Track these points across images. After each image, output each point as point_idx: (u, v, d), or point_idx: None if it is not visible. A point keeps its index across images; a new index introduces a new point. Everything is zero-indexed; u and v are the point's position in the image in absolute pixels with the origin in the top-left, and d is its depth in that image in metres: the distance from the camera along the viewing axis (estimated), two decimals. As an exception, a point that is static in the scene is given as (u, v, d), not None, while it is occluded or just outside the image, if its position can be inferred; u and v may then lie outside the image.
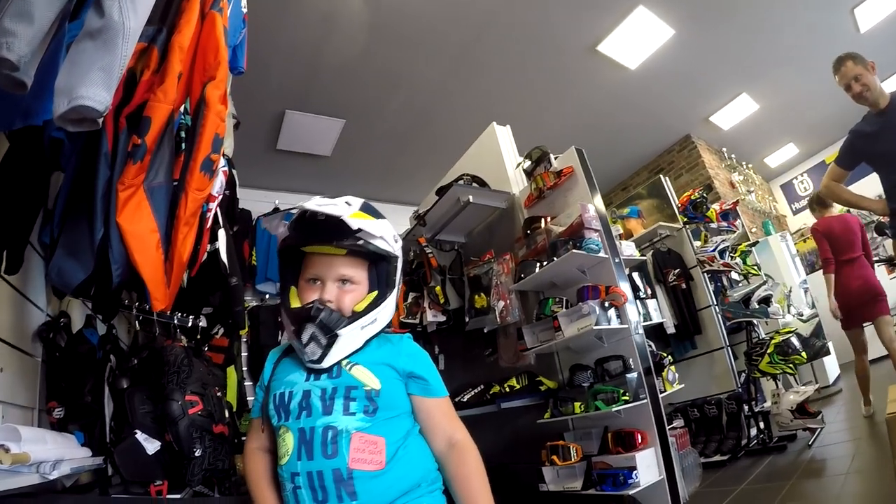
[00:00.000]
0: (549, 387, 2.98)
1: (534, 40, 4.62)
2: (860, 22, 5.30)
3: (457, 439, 1.18)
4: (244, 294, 3.59)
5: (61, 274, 1.35)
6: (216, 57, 1.49)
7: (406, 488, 1.09)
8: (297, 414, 1.11)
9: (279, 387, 1.17)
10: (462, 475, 1.14)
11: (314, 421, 1.09)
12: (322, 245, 1.15)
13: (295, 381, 1.16)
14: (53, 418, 1.67)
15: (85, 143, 1.36)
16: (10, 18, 0.85)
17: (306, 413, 1.10)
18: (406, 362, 1.20)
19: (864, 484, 2.47)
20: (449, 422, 1.21)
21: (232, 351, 3.26)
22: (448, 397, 1.26)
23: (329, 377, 1.14)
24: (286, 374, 1.19)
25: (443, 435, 1.19)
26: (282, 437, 1.12)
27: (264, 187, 5.53)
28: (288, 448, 1.09)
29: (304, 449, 1.07)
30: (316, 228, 1.14)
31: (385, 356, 1.19)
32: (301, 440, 1.08)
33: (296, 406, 1.12)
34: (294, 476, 1.07)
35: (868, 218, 7.35)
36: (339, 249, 1.15)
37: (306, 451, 1.07)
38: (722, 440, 3.84)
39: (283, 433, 1.12)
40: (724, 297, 4.15)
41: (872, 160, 3.02)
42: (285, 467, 1.09)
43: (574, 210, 2.86)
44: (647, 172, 7.52)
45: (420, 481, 1.12)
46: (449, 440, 1.18)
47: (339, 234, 1.13)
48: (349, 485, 1.03)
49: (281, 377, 1.20)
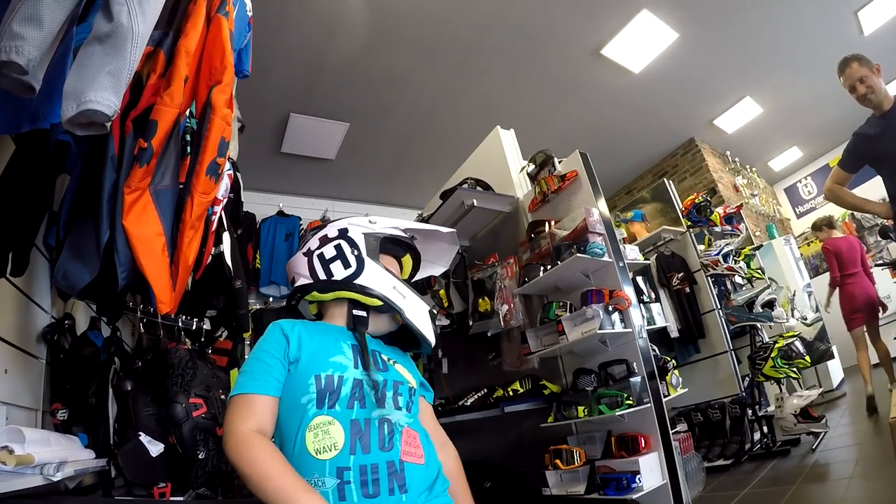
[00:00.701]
0: (553, 391, 2.98)
1: (538, 44, 4.62)
2: (864, 24, 5.28)
3: (446, 440, 1.34)
4: (248, 297, 3.60)
5: (67, 276, 1.35)
6: (222, 61, 1.49)
7: (433, 481, 1.11)
8: (348, 403, 1.05)
9: (323, 367, 1.08)
10: (456, 470, 1.30)
11: (369, 413, 1.06)
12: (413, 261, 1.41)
13: (344, 367, 1.10)
14: (57, 420, 1.67)
15: (91, 146, 1.37)
16: (18, 22, 0.86)
17: (360, 404, 1.06)
18: (415, 370, 1.31)
19: (867, 488, 2.46)
20: (438, 424, 1.35)
21: (235, 354, 3.25)
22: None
23: (378, 370, 1.14)
24: (328, 353, 1.12)
25: (437, 436, 1.29)
26: (321, 428, 1.02)
27: (269, 190, 5.54)
28: (335, 441, 1.00)
29: (359, 442, 1.01)
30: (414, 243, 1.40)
31: (408, 362, 1.32)
32: (355, 433, 1.02)
33: (347, 395, 1.06)
34: (343, 471, 0.98)
35: (872, 221, 7.36)
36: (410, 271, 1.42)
37: (361, 445, 1.01)
38: (725, 444, 3.82)
39: (323, 423, 1.02)
40: (727, 301, 4.14)
41: (875, 163, 3.01)
42: (329, 462, 0.99)
43: (578, 214, 2.86)
44: (651, 176, 7.51)
45: (438, 474, 1.15)
46: (441, 440, 1.31)
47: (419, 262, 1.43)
48: (401, 477, 1.02)
49: (322, 356, 1.11)
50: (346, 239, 1.26)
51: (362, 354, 1.15)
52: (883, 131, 2.88)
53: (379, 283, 1.21)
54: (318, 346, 1.13)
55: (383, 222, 1.32)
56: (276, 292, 4.73)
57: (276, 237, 4.84)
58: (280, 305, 4.69)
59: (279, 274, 4.65)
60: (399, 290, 1.23)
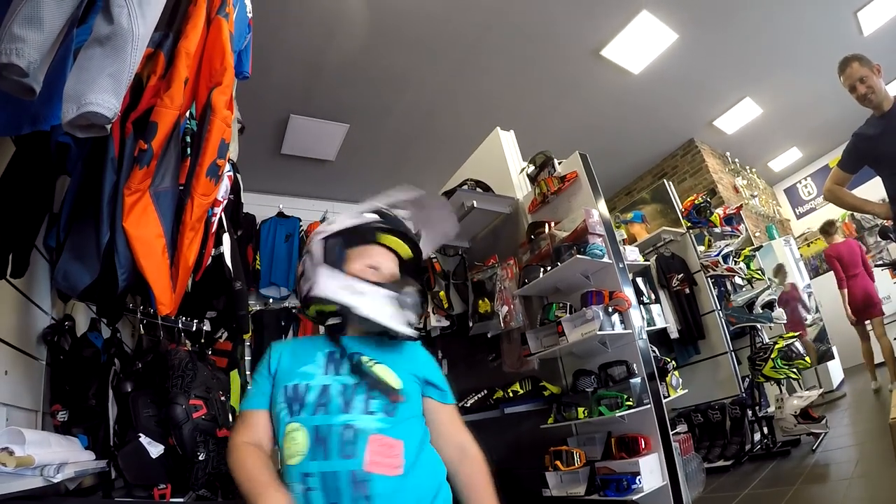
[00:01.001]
0: (553, 392, 2.98)
1: (537, 45, 4.62)
2: (863, 25, 5.29)
3: (469, 448, 1.20)
4: (248, 298, 3.60)
5: (67, 277, 1.35)
6: (222, 62, 1.49)
7: (423, 498, 1.05)
8: (312, 410, 1.06)
9: (291, 378, 1.12)
10: (476, 484, 1.16)
11: (332, 418, 1.04)
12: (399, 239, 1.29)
13: (312, 374, 1.11)
14: (57, 421, 1.67)
15: (91, 147, 1.37)
16: (19, 24, 0.86)
17: (323, 409, 1.06)
18: (423, 368, 1.23)
19: (868, 489, 2.46)
20: (459, 429, 1.23)
21: (236, 355, 3.26)
22: (455, 405, 1.27)
23: (350, 372, 1.11)
24: (299, 365, 1.15)
25: (454, 442, 1.19)
26: (290, 434, 1.05)
27: (268, 192, 5.54)
28: (299, 447, 1.03)
29: (319, 448, 1.01)
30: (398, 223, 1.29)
31: (403, 358, 1.22)
32: (316, 439, 1.02)
33: (312, 401, 1.07)
34: (306, 477, 1.00)
35: (872, 222, 7.36)
36: (407, 250, 1.31)
37: (322, 451, 1.01)
38: (725, 445, 3.82)
39: (291, 430, 1.05)
40: (727, 302, 4.14)
41: (875, 163, 3.00)
42: (296, 468, 1.02)
43: (578, 215, 2.87)
44: (651, 177, 7.51)
45: (437, 492, 1.09)
46: (461, 447, 1.19)
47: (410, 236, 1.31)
48: (365, 488, 0.98)
49: (293, 368, 1.15)
50: (308, 253, 1.25)
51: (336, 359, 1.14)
52: (883, 132, 2.87)
53: (329, 287, 1.17)
54: (294, 359, 1.18)
55: (342, 217, 1.26)
56: (275, 293, 4.72)
57: (276, 238, 4.84)
58: (280, 306, 4.69)
59: (279, 275, 4.65)
60: (354, 287, 1.16)
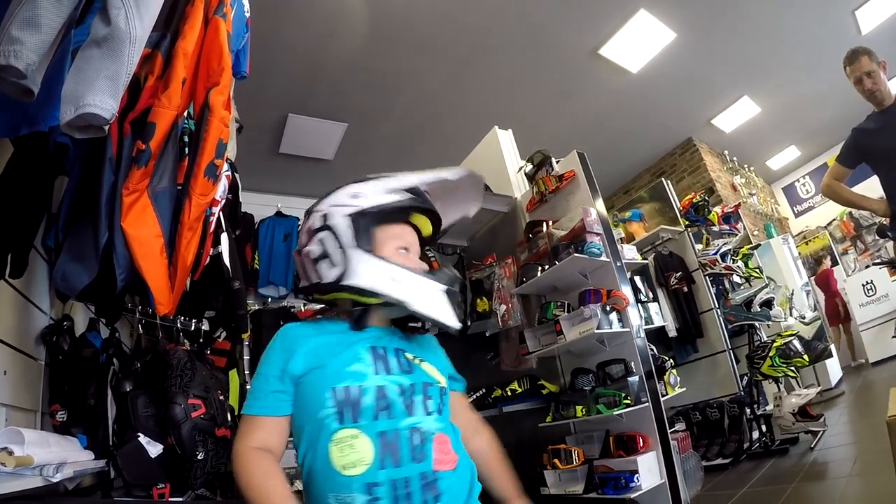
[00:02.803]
0: (551, 390, 2.98)
1: (535, 44, 4.63)
2: (861, 24, 5.29)
3: (481, 424, 1.28)
4: (247, 297, 3.60)
5: (66, 278, 1.35)
6: (220, 62, 1.49)
7: (469, 483, 1.05)
8: (373, 415, 0.97)
9: (339, 379, 0.99)
10: (493, 453, 1.24)
11: (397, 423, 0.98)
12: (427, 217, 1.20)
13: (364, 374, 1.00)
14: (56, 421, 1.67)
15: (89, 148, 1.37)
16: (17, 26, 0.86)
17: (386, 414, 0.98)
18: (444, 360, 1.23)
19: (866, 487, 2.47)
20: (472, 410, 1.30)
21: (234, 354, 3.25)
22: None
23: (401, 371, 1.05)
24: (343, 363, 1.02)
25: (470, 423, 1.24)
26: (345, 442, 0.95)
27: (267, 191, 5.51)
28: (362, 456, 0.93)
29: (388, 455, 0.94)
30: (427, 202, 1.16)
31: (437, 355, 1.21)
32: (384, 445, 0.95)
33: (370, 405, 0.97)
34: (372, 487, 0.92)
35: (870, 220, 7.38)
36: (429, 228, 1.22)
37: (391, 458, 0.94)
38: (724, 443, 3.83)
39: (347, 438, 0.95)
40: (725, 301, 4.15)
41: (873, 158, 2.99)
42: (357, 479, 0.92)
43: (576, 214, 2.87)
44: (649, 176, 7.52)
45: (472, 476, 1.08)
46: (474, 425, 1.26)
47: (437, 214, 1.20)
48: (434, 487, 0.95)
49: (338, 367, 1.01)
50: (328, 229, 1.08)
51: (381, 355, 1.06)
52: (882, 128, 2.87)
53: (371, 277, 1.03)
54: (331, 353, 1.04)
55: (371, 192, 1.11)
56: (274, 293, 4.71)
57: (275, 238, 4.82)
58: (279, 306, 4.68)
59: (278, 274, 4.64)
60: (400, 277, 1.04)
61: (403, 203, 1.12)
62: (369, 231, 1.08)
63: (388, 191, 1.12)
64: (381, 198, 1.10)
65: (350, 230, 1.06)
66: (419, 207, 1.16)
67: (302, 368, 1.02)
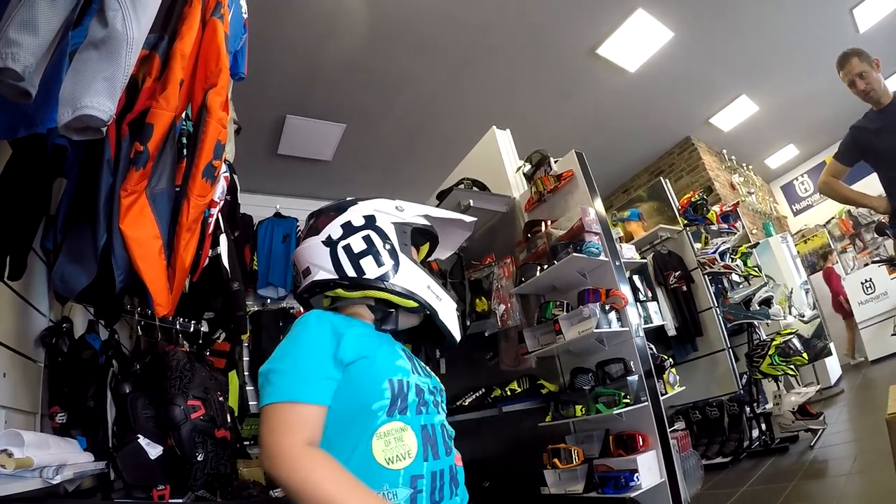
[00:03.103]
0: (551, 390, 2.98)
1: (533, 44, 4.63)
2: (859, 22, 5.31)
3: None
4: (246, 299, 3.60)
5: (65, 279, 1.35)
6: (217, 64, 1.50)
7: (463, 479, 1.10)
8: (416, 409, 1.00)
9: (393, 372, 1.00)
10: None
11: (432, 418, 1.03)
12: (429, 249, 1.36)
13: (407, 371, 1.03)
14: (56, 423, 1.68)
15: (87, 150, 1.37)
16: (14, 29, 0.86)
17: (425, 409, 1.02)
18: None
19: (866, 484, 2.47)
20: None
21: (234, 356, 3.25)
22: None
23: (426, 374, 1.10)
24: (392, 356, 1.04)
25: None
26: (392, 435, 0.94)
27: (265, 192, 5.52)
28: (409, 449, 0.94)
29: (429, 448, 0.98)
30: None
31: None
32: (426, 439, 0.98)
33: (415, 400, 1.00)
34: (416, 480, 0.93)
35: (869, 218, 7.38)
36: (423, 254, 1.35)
37: (432, 451, 0.98)
38: (723, 442, 3.83)
39: (395, 430, 0.94)
40: (724, 299, 4.15)
41: (872, 158, 2.99)
42: (404, 472, 0.92)
43: (574, 213, 2.87)
44: (648, 175, 7.52)
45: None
46: None
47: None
48: (457, 480, 1.02)
49: (390, 359, 1.03)
50: (375, 229, 1.11)
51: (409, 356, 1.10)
52: (881, 127, 2.87)
53: (415, 283, 1.09)
54: (380, 347, 1.04)
55: (411, 209, 1.20)
56: (273, 294, 4.71)
57: (274, 239, 4.82)
58: (278, 307, 4.69)
59: (277, 275, 4.64)
60: (433, 289, 1.12)
61: (429, 228, 1.26)
62: (410, 242, 1.17)
63: (423, 215, 1.24)
64: (418, 217, 1.22)
65: (397, 238, 1.14)
66: (434, 236, 1.31)
67: (353, 355, 0.97)
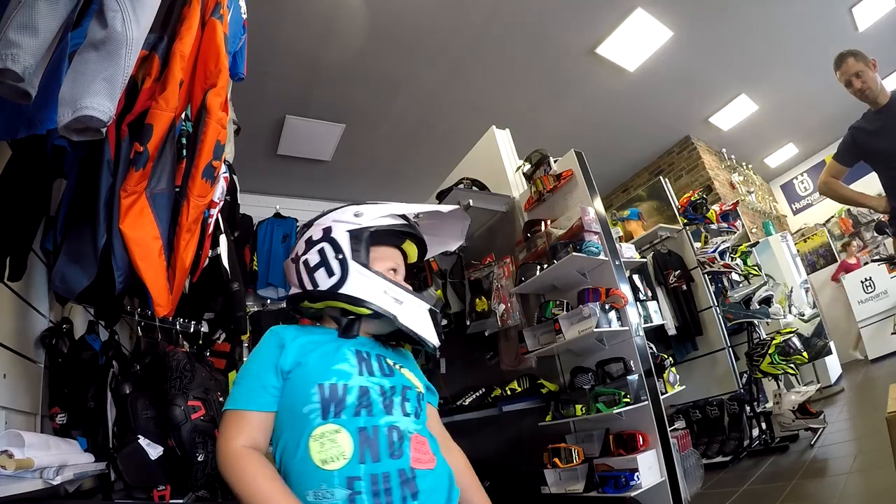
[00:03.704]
0: (551, 389, 2.99)
1: (533, 43, 4.63)
2: (858, 21, 5.30)
3: (451, 443, 1.27)
4: (245, 299, 3.60)
5: (65, 280, 1.35)
6: (217, 64, 1.50)
7: (448, 487, 1.08)
8: (354, 411, 1.01)
9: (326, 376, 1.03)
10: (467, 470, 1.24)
11: (377, 420, 1.02)
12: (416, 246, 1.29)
13: (349, 374, 1.05)
14: (56, 424, 1.68)
15: (87, 150, 1.37)
16: (14, 30, 0.86)
17: (367, 411, 1.02)
18: (419, 372, 1.25)
19: (866, 483, 2.47)
20: (443, 428, 1.29)
21: (234, 356, 3.24)
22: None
23: (383, 375, 1.09)
24: (330, 361, 1.07)
25: (441, 438, 1.23)
26: (326, 437, 0.98)
27: (265, 192, 5.53)
28: (343, 450, 0.97)
29: (368, 450, 0.98)
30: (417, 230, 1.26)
31: (408, 362, 1.25)
32: (363, 441, 0.98)
33: (353, 402, 1.01)
34: (353, 481, 0.95)
35: (868, 217, 7.38)
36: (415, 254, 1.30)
37: (371, 453, 0.98)
38: (724, 441, 3.83)
39: (328, 433, 0.98)
40: (724, 298, 4.15)
41: (871, 157, 3.00)
42: (338, 472, 0.95)
43: (574, 213, 2.87)
44: (648, 174, 7.52)
45: (451, 478, 1.11)
46: (446, 441, 1.25)
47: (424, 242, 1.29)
48: (413, 485, 0.99)
49: (324, 365, 1.06)
50: (329, 241, 1.15)
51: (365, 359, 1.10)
52: (880, 126, 2.87)
53: (366, 289, 1.11)
54: (320, 352, 1.08)
55: (372, 213, 1.19)
56: (273, 294, 4.72)
57: (273, 239, 4.83)
58: (278, 307, 4.69)
59: (276, 276, 4.65)
60: (391, 293, 1.12)
61: (398, 227, 1.22)
62: (367, 248, 1.15)
63: (387, 215, 1.21)
64: (380, 220, 1.19)
65: (349, 244, 1.14)
66: (411, 234, 1.25)
67: (290, 363, 1.06)
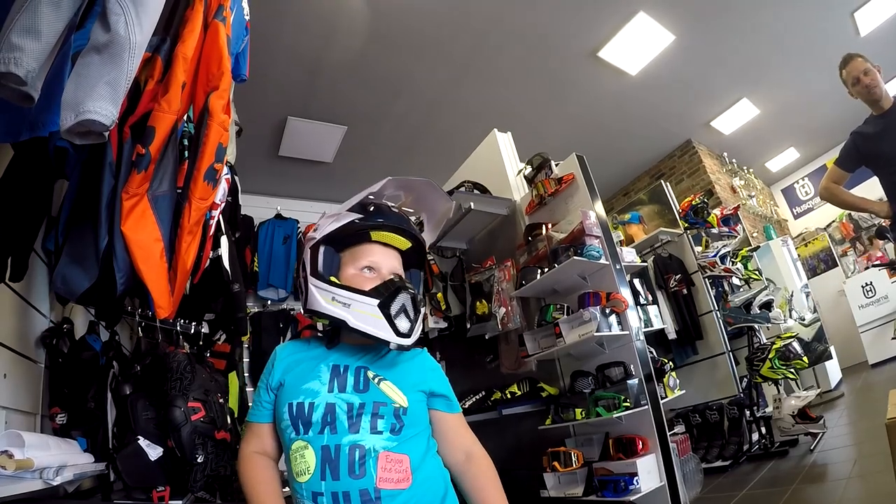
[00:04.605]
0: (551, 393, 2.99)
1: (535, 46, 4.64)
2: (860, 25, 5.30)
3: (474, 450, 1.22)
4: (246, 300, 3.60)
5: (66, 281, 1.35)
6: (219, 66, 1.50)
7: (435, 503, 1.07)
8: (319, 429, 1.05)
9: (296, 395, 1.10)
10: (481, 486, 1.17)
11: (339, 438, 1.03)
12: (393, 233, 1.22)
13: (317, 392, 1.09)
14: (56, 424, 1.68)
15: (89, 152, 1.37)
16: (17, 33, 0.86)
17: (330, 429, 1.04)
18: (431, 379, 1.21)
19: (865, 489, 2.47)
20: (466, 435, 1.25)
21: (234, 357, 3.25)
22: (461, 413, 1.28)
23: (356, 391, 1.09)
24: (303, 381, 1.12)
25: (460, 448, 1.21)
26: (298, 452, 1.05)
27: (266, 193, 5.53)
28: (308, 466, 1.03)
29: (328, 468, 1.01)
30: (389, 217, 1.22)
31: (410, 372, 1.19)
32: (325, 458, 1.02)
33: (318, 420, 1.05)
34: (316, 496, 1.01)
35: (869, 222, 7.38)
36: (404, 241, 1.24)
37: (331, 471, 1.01)
38: (723, 446, 3.83)
39: (300, 448, 1.05)
40: (725, 303, 4.16)
41: (873, 162, 3.00)
42: (305, 486, 1.02)
43: (575, 217, 2.88)
44: (649, 178, 7.52)
45: (444, 497, 1.10)
46: (466, 452, 1.21)
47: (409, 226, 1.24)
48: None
49: (297, 384, 1.12)
50: (302, 261, 1.21)
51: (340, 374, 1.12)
52: (882, 130, 2.88)
53: (319, 301, 1.13)
54: (298, 372, 1.15)
55: (325, 222, 1.21)
56: (274, 295, 4.72)
57: (275, 240, 4.83)
58: (278, 308, 4.69)
59: (277, 277, 4.65)
60: (339, 298, 1.12)
61: (351, 225, 1.19)
62: (327, 258, 1.18)
63: (339, 215, 1.21)
64: (331, 225, 1.19)
65: (310, 261, 1.17)
66: (371, 225, 1.20)
67: (276, 382, 1.17)
